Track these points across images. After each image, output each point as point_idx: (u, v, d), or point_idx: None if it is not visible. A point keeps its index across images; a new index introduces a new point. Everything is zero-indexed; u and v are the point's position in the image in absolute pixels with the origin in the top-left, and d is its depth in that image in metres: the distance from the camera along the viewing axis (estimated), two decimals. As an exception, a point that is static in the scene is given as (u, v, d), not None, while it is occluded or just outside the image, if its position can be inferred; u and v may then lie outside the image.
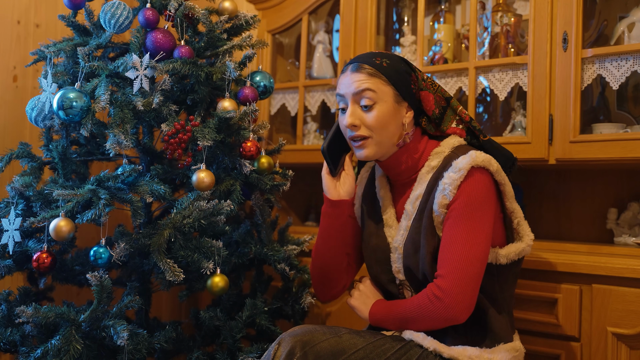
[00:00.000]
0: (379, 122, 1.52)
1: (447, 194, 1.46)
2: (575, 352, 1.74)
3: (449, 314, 1.42)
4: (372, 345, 1.40)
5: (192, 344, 1.89)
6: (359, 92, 1.52)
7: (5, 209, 1.82)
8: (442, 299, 1.41)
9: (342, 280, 1.71)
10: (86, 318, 1.65)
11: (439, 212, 1.48)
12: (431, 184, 1.52)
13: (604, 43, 1.99)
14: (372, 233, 1.65)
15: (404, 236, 1.56)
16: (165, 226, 1.69)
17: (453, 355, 1.43)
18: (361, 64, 1.54)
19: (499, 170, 1.51)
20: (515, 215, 1.56)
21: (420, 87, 1.58)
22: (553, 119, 1.89)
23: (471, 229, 1.44)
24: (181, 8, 1.85)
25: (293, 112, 2.57)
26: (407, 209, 1.56)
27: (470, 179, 1.46)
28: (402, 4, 2.46)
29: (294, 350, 1.34)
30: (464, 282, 1.41)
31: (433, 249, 1.49)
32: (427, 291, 1.45)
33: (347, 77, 1.56)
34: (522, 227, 1.57)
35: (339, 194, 1.63)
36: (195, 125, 1.77)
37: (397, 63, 1.56)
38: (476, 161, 1.47)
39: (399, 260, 1.56)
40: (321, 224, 1.67)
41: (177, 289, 2.10)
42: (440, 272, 1.45)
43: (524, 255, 1.56)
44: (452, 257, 1.43)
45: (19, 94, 2.32)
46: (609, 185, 2.11)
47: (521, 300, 1.82)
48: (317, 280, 1.70)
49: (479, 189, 1.47)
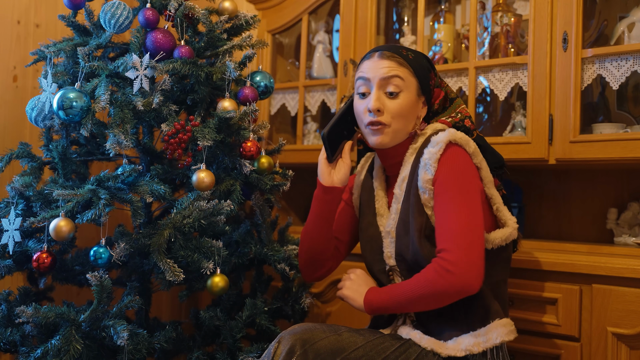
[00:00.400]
0: (401, 110, 1.53)
1: (429, 169, 1.47)
2: (575, 352, 1.74)
3: (463, 285, 1.38)
4: (371, 344, 1.40)
5: (192, 344, 1.89)
6: (388, 78, 1.53)
7: (5, 209, 1.82)
8: (453, 272, 1.38)
9: (328, 264, 1.72)
10: (86, 318, 1.65)
11: (423, 188, 1.48)
12: (414, 164, 1.53)
13: (604, 43, 1.99)
14: (370, 223, 1.66)
15: (395, 220, 1.56)
16: (165, 226, 1.69)
17: (450, 354, 1.43)
18: (389, 52, 1.55)
19: (477, 153, 1.51)
20: (494, 201, 1.55)
21: (437, 84, 1.61)
22: (553, 119, 1.89)
23: (462, 198, 1.44)
24: (181, 8, 1.85)
25: (293, 112, 2.57)
26: (396, 193, 1.57)
27: (448, 151, 1.47)
28: (402, 4, 2.46)
29: (294, 348, 1.34)
30: (470, 250, 1.39)
31: (421, 227, 1.49)
32: (435, 266, 1.41)
33: (374, 62, 1.56)
34: (502, 213, 1.55)
35: (332, 181, 1.64)
36: (195, 125, 1.77)
37: (421, 58, 1.59)
38: (455, 137, 1.48)
39: (392, 244, 1.56)
40: (312, 207, 1.68)
41: (177, 289, 2.10)
42: (442, 247, 1.42)
43: (511, 239, 1.55)
44: (450, 228, 1.42)
45: (19, 94, 2.32)
46: (609, 185, 2.11)
47: (521, 300, 1.82)
48: (303, 261, 1.72)
49: (461, 161, 1.47)
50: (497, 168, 1.59)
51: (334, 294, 2.23)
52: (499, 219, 1.56)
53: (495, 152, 1.62)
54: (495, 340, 1.44)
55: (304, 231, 1.71)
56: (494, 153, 1.61)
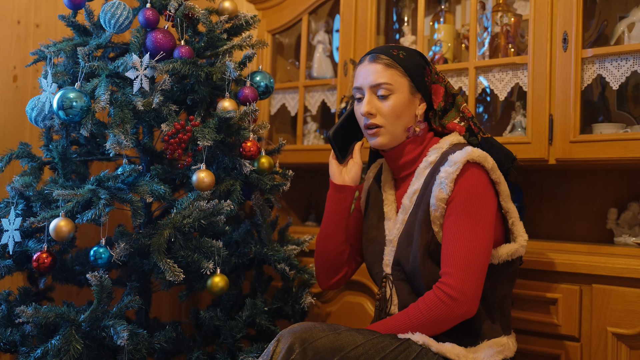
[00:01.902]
0: (394, 111, 1.55)
1: (444, 188, 1.48)
2: (575, 352, 1.74)
3: (462, 310, 1.43)
4: (370, 342, 1.40)
5: (192, 344, 1.89)
6: (376, 86, 1.56)
7: (5, 209, 1.82)
8: (456, 297, 1.43)
9: (343, 270, 1.74)
10: (86, 318, 1.65)
11: (436, 205, 1.50)
12: (428, 179, 1.54)
13: (604, 43, 1.99)
14: (373, 225, 1.67)
15: (399, 230, 1.58)
16: (165, 226, 1.69)
17: (441, 350, 1.44)
18: (378, 54, 1.58)
19: (495, 168, 1.52)
20: (510, 215, 1.57)
21: (433, 80, 1.62)
22: (553, 119, 1.89)
23: (473, 224, 1.46)
24: (181, 8, 1.85)
25: (293, 112, 2.57)
26: (405, 203, 1.58)
27: (467, 173, 1.48)
28: (402, 4, 2.46)
29: (293, 346, 1.34)
30: (472, 278, 1.44)
31: (426, 243, 1.51)
32: (437, 293, 1.45)
33: (364, 69, 1.59)
34: (517, 228, 1.57)
35: (344, 180, 1.66)
36: (195, 125, 1.77)
37: (413, 56, 1.60)
38: (472, 156, 1.49)
39: (391, 252, 1.59)
40: (325, 208, 1.70)
41: (177, 289, 2.10)
42: (446, 270, 1.46)
43: (517, 256, 1.56)
44: (457, 254, 1.45)
45: (19, 94, 2.32)
46: (609, 185, 2.11)
47: (521, 300, 1.82)
48: (319, 265, 1.74)
49: (477, 184, 1.49)
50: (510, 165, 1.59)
51: (334, 294, 2.23)
52: (512, 232, 1.57)
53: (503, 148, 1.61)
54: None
55: (319, 235, 1.72)
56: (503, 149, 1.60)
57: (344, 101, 2.30)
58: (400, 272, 1.57)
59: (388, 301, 1.59)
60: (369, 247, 1.67)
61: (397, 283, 1.58)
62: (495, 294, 1.55)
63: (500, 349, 1.50)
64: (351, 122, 1.66)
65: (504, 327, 1.56)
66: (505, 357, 1.52)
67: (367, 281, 2.11)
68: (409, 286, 1.57)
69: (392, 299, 1.58)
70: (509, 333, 1.57)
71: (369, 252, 1.67)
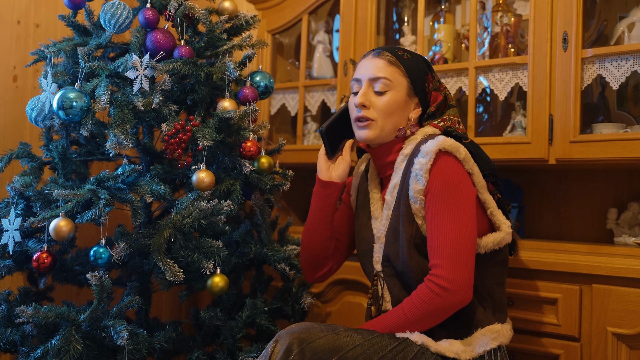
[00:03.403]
0: (387, 107, 1.56)
1: (420, 179, 1.48)
2: (575, 352, 1.74)
3: (457, 299, 1.43)
4: (369, 342, 1.40)
5: (192, 344, 1.89)
6: (375, 78, 1.56)
7: (5, 209, 1.82)
8: (449, 288, 1.42)
9: (328, 264, 1.75)
10: (86, 318, 1.65)
11: (414, 198, 1.50)
12: (405, 172, 1.54)
13: (604, 43, 1.99)
14: (363, 224, 1.68)
15: (385, 226, 1.58)
16: (165, 226, 1.69)
17: (440, 350, 1.44)
18: (383, 51, 1.59)
19: (467, 159, 1.52)
20: (487, 205, 1.56)
21: (435, 87, 1.62)
22: (553, 119, 1.89)
23: (454, 212, 1.46)
24: (181, 8, 1.85)
25: (293, 112, 2.57)
26: (387, 199, 1.59)
27: (439, 162, 1.48)
28: (402, 4, 2.46)
29: (292, 347, 1.34)
30: (462, 265, 1.43)
31: (411, 236, 1.51)
32: (429, 286, 1.44)
33: (367, 62, 1.60)
34: (496, 217, 1.56)
35: (330, 176, 1.67)
36: (195, 125, 1.77)
37: (418, 60, 1.61)
38: (444, 145, 1.48)
39: (380, 249, 1.59)
40: (311, 203, 1.71)
41: (177, 289, 2.10)
42: (435, 262, 1.45)
43: (504, 243, 1.56)
44: (443, 244, 1.44)
45: (19, 94, 2.32)
46: (609, 185, 2.11)
47: (521, 300, 1.82)
48: (304, 259, 1.75)
49: (452, 171, 1.48)
50: (490, 175, 1.59)
51: (334, 294, 2.23)
52: (493, 222, 1.57)
53: (487, 159, 1.61)
54: (479, 350, 1.47)
55: (304, 229, 1.74)
56: (486, 160, 1.61)
57: (344, 101, 2.30)
58: (390, 268, 1.57)
59: (381, 298, 1.59)
60: (360, 247, 1.68)
61: (388, 279, 1.58)
62: (484, 283, 1.55)
63: (494, 335, 1.50)
64: (345, 119, 1.67)
65: (496, 314, 1.56)
66: (501, 343, 1.51)
67: (366, 281, 2.11)
68: (400, 282, 1.57)
69: (384, 296, 1.58)
70: (504, 321, 1.57)
71: (360, 251, 1.68)
